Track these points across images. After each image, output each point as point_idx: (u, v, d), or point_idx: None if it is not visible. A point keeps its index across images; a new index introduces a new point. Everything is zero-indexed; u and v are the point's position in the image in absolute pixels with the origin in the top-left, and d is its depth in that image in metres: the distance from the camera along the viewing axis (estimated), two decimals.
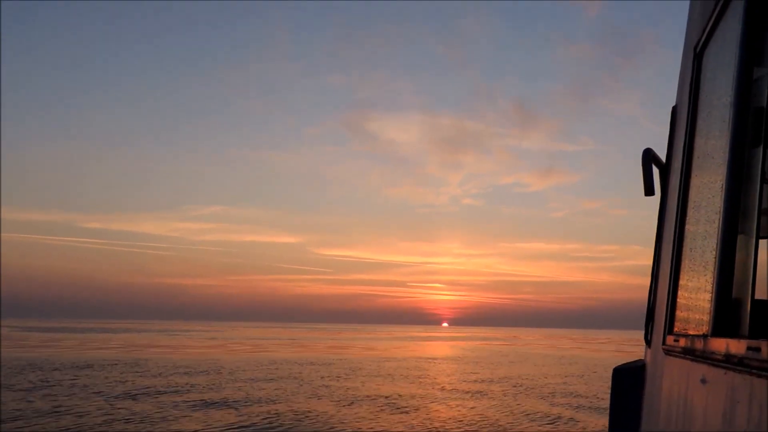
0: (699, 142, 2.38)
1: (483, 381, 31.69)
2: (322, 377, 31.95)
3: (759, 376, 1.24)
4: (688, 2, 2.81)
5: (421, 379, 32.12)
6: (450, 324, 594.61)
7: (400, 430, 17.34)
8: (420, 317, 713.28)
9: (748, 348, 1.30)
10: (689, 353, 1.93)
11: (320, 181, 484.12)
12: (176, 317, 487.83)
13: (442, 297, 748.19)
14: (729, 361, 1.44)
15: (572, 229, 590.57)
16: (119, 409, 19.80)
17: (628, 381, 3.28)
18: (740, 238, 1.76)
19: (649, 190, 3.05)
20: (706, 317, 1.82)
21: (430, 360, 50.21)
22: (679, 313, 2.38)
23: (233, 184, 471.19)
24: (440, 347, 76.07)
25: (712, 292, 1.78)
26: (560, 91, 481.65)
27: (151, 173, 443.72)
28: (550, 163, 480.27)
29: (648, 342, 3.07)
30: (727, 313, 1.71)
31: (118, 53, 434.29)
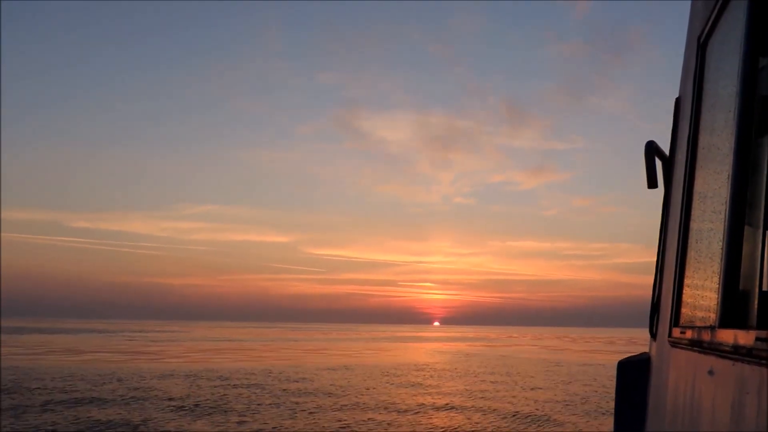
0: (704, 134, 2.42)
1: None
2: (161, 406, 21.93)
3: None
4: None
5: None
6: (441, 323, 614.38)
7: None
8: (412, 316, 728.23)
9: (757, 339, 1.33)
10: (696, 345, 1.97)
11: (311, 179, 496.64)
12: (166, 317, 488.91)
13: (433, 296, 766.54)
14: (737, 352, 1.47)
15: (563, 227, 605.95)
16: None
17: (634, 374, 3.32)
18: (747, 229, 1.79)
19: (652, 183, 3.09)
20: (713, 309, 1.86)
21: (388, 371, 37.89)
22: (685, 306, 2.42)
23: (224, 183, 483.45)
24: (417, 351, 68.30)
25: (719, 284, 1.81)
26: (550, 89, 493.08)
27: (140, 172, 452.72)
28: (540, 161, 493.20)
29: (653, 335, 3.11)
30: (734, 305, 1.74)
31: (108, 53, 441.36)
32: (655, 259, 3.20)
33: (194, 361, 44.49)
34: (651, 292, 3.16)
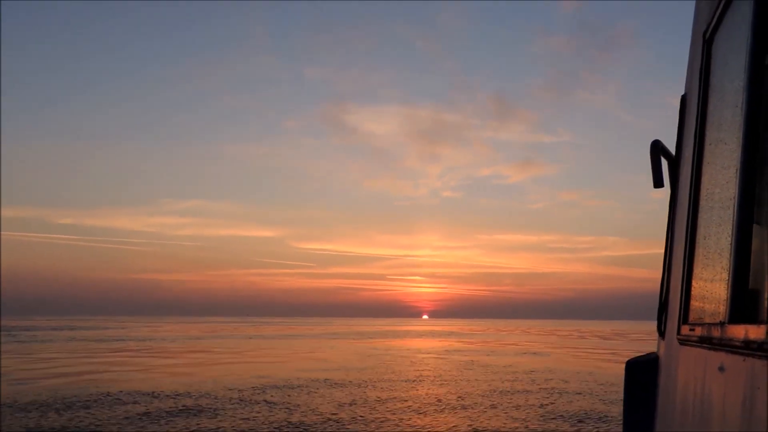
0: (711, 130, 2.48)
1: None
2: None
3: None
4: None
5: None
6: (430, 316, 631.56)
7: None
8: (401, 310, 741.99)
9: None
10: (706, 342, 2.03)
11: (299, 174, 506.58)
12: (153, 313, 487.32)
13: (422, 289, 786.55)
14: (748, 348, 1.54)
15: (550, 221, 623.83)
16: None
17: (642, 374, 3.38)
18: (755, 226, 1.87)
19: (658, 183, 3.14)
20: (723, 306, 1.92)
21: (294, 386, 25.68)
22: (694, 303, 2.49)
23: (211, 179, 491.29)
24: (359, 352, 53.52)
25: (728, 281, 1.88)
26: (538, 83, 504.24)
27: (127, 168, 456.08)
28: (528, 155, 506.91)
29: (661, 333, 3.17)
30: (744, 301, 1.80)
31: (93, 52, 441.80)
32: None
33: None
34: (659, 290, 3.22)
